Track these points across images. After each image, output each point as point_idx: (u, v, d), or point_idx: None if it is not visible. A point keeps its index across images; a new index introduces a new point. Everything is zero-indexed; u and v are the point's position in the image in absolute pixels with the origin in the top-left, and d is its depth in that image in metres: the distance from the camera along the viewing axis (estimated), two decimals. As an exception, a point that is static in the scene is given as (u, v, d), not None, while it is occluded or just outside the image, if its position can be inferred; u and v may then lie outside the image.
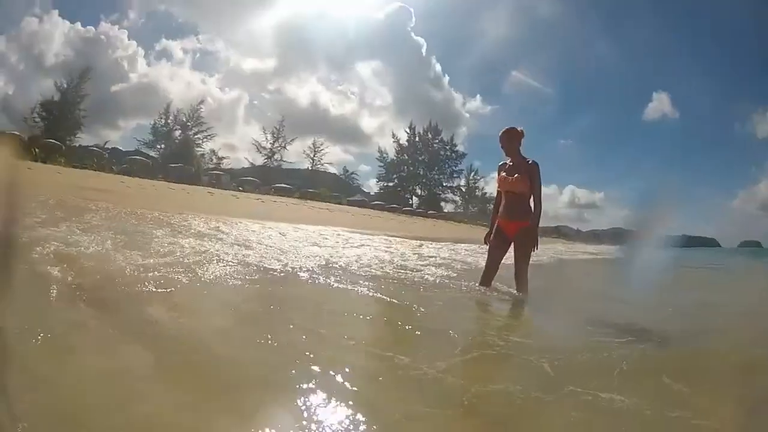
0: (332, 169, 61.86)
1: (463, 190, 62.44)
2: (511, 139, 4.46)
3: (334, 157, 79.99)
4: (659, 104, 71.60)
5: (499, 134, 4.49)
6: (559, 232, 74.53)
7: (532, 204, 4.37)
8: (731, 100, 69.56)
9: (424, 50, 66.19)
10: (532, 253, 4.35)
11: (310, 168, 59.14)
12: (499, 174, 4.53)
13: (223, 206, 17.55)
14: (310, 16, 79.05)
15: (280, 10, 78.78)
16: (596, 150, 78.25)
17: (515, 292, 4.36)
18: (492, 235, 4.49)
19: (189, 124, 50.79)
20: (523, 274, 4.31)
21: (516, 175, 4.29)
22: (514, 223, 4.34)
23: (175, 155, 43.64)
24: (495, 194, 4.64)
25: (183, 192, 22.59)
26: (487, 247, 4.57)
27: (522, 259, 4.31)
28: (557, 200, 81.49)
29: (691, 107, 71.00)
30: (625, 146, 77.80)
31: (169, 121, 50.39)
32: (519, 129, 4.51)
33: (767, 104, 61.74)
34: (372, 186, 62.82)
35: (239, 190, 33.77)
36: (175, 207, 12.82)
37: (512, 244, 4.38)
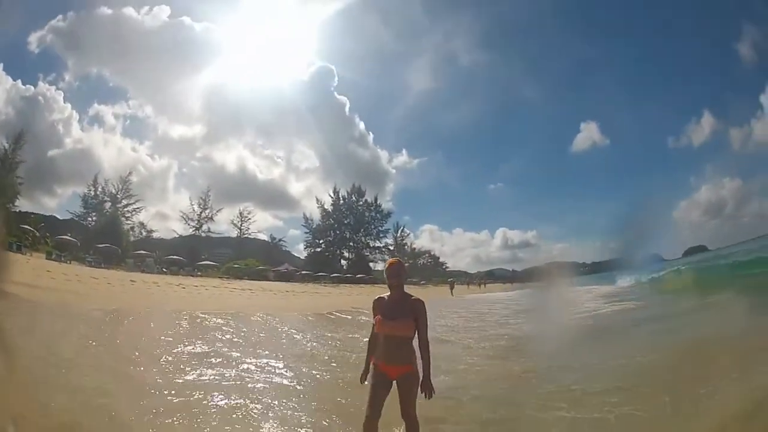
0: (262, 236, 62.46)
1: (391, 248, 63.34)
2: (400, 272, 4.08)
3: (263, 223, 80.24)
4: (588, 134, 70.73)
5: (387, 267, 4.13)
6: (494, 276, 77.09)
7: (415, 345, 4.08)
8: (661, 117, 71.02)
9: (347, 109, 67.14)
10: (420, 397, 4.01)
11: (239, 236, 59.86)
12: (375, 313, 4.09)
13: (142, 298, 19.14)
14: (236, 80, 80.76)
15: (207, 75, 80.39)
16: (528, 189, 74.98)
17: None
18: (369, 374, 4.14)
19: (118, 196, 51.78)
20: (413, 414, 4.03)
21: (397, 319, 3.95)
22: (395, 367, 4.00)
23: (104, 231, 44.55)
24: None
25: (104, 282, 23.97)
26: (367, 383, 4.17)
27: (410, 404, 4.00)
28: (490, 244, 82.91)
29: (621, 131, 67.92)
30: (556, 182, 78.10)
31: (98, 192, 51.22)
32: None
33: (701, 112, 64.19)
34: (302, 251, 63.35)
35: (163, 273, 35.25)
36: (93, 303, 14.48)
37: (396, 384, 4.05)
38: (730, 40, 65.82)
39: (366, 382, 4.17)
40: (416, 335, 4.06)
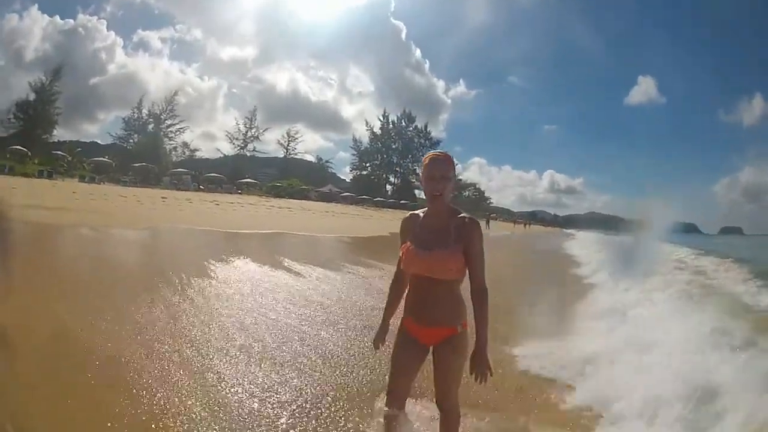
0: (309, 157, 62.75)
1: None
2: (446, 170, 2.39)
3: (313, 144, 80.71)
4: (644, 88, 72.18)
5: (427, 162, 2.42)
6: (536, 217, 76.30)
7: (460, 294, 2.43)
8: (718, 87, 70.74)
9: (403, 35, 66.70)
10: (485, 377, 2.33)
11: (285, 156, 59.47)
12: (404, 238, 2.47)
13: (169, 214, 18.08)
14: (288, 2, 78.75)
15: None
16: (579, 135, 79.58)
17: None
18: (396, 341, 2.53)
19: (162, 116, 51.19)
20: (454, 399, 2.51)
21: (436, 249, 2.30)
22: (431, 330, 2.41)
23: (144, 151, 44.09)
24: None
25: (134, 200, 23.11)
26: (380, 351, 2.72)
27: (451, 385, 2.45)
28: (536, 185, 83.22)
29: (677, 92, 74.47)
30: (608, 131, 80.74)
31: (143, 113, 50.80)
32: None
33: (753, 93, 62.67)
34: (348, 174, 63.43)
35: (200, 190, 34.45)
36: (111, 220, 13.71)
37: (432, 352, 2.48)
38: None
39: (382, 347, 2.60)
40: (466, 276, 2.34)
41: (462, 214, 2.40)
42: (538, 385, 4.12)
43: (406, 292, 2.51)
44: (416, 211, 2.54)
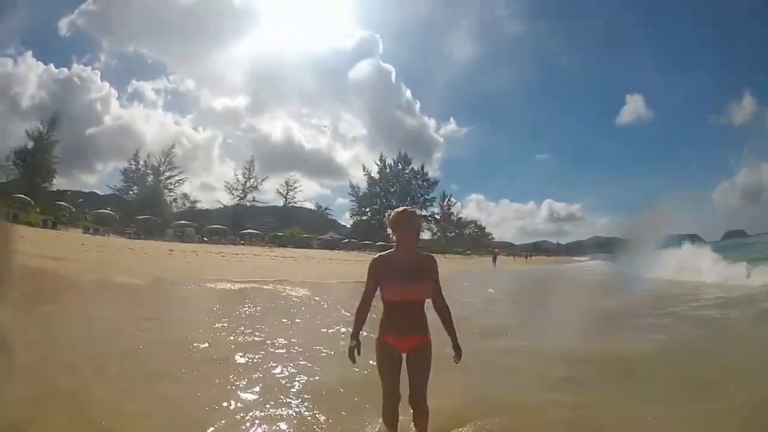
0: (308, 205, 62.21)
1: (437, 217, 62.85)
2: (415, 224, 3.33)
3: (310, 192, 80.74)
4: (633, 106, 72.81)
5: (398, 217, 3.33)
6: (539, 248, 75.96)
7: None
8: (706, 92, 71.62)
9: (393, 77, 67.36)
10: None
11: (285, 205, 59.25)
12: (378, 277, 3.24)
13: (178, 267, 18.06)
14: (278, 51, 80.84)
15: (249, 47, 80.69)
16: (573, 160, 79.88)
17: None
18: (377, 353, 3.31)
19: (161, 168, 51.41)
20: (424, 395, 3.30)
21: (414, 282, 3.20)
22: (411, 339, 3.24)
23: (145, 203, 43.99)
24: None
25: (141, 252, 22.98)
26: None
27: (424, 382, 3.27)
28: (536, 216, 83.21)
29: (666, 106, 72.44)
30: (601, 154, 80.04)
31: (140, 166, 51.02)
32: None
33: (742, 93, 62.83)
34: (348, 219, 63.04)
35: (204, 242, 34.25)
36: (124, 273, 13.68)
37: (405, 358, 3.30)
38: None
39: (358, 355, 3.25)
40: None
41: (425, 253, 3.37)
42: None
43: (382, 316, 3.28)
44: (384, 254, 3.35)
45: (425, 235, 59.69)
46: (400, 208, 3.44)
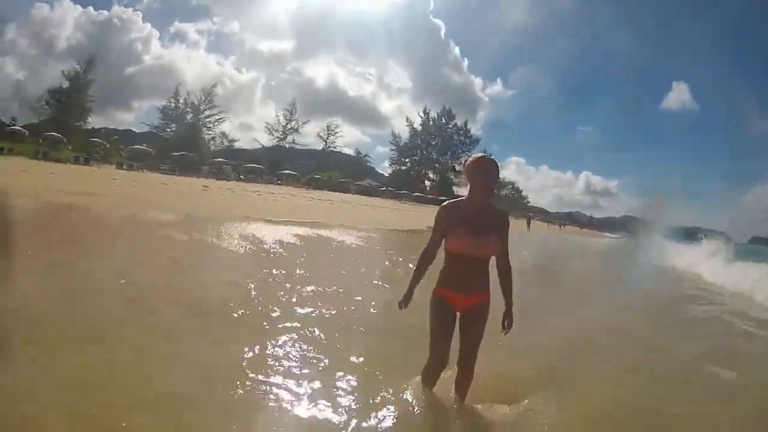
0: (347, 150, 61.73)
1: None
2: (493, 173, 2.83)
3: (352, 138, 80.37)
4: (678, 94, 71.68)
5: (474, 164, 2.81)
6: (572, 218, 74.19)
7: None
8: (751, 95, 69.26)
9: (442, 33, 65.44)
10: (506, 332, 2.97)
11: (324, 149, 58.82)
12: (445, 225, 2.87)
13: (214, 202, 17.66)
14: None
15: None
16: (614, 138, 79.12)
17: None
18: (431, 306, 2.95)
19: (201, 107, 50.66)
20: (474, 356, 2.94)
21: (484, 235, 2.80)
22: (471, 296, 2.88)
23: (182, 140, 43.40)
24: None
25: (175, 188, 22.29)
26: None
27: (477, 343, 2.91)
28: (573, 186, 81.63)
29: (710, 99, 72.44)
30: (642, 135, 79.11)
31: (179, 103, 50.39)
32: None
33: None
34: (386, 168, 62.47)
35: (240, 180, 33.46)
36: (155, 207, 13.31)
37: (459, 317, 2.95)
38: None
39: (404, 308, 2.95)
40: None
41: (499, 208, 3.02)
42: None
43: (443, 268, 2.93)
44: (455, 201, 2.97)
45: (461, 191, 58.17)
46: (479, 154, 3.00)
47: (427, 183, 59.90)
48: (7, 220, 7.01)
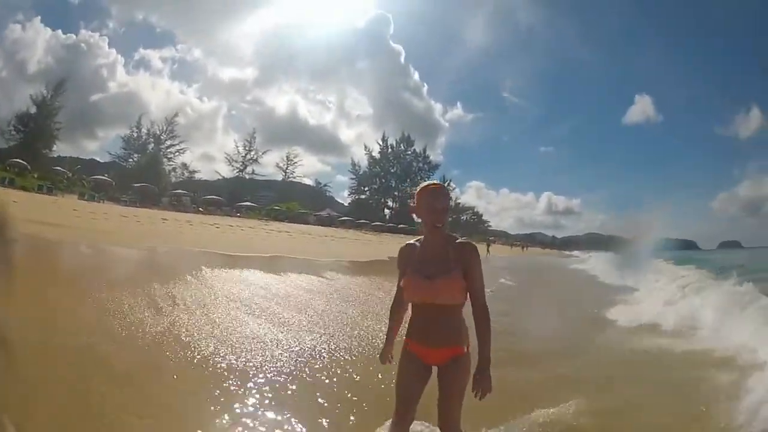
0: (307, 180, 62.44)
1: None
2: (447, 203, 2.46)
3: (311, 167, 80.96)
4: (641, 107, 73.04)
5: (419, 193, 2.45)
6: (535, 240, 76.41)
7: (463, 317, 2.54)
8: (714, 101, 73.41)
9: (402, 58, 67.24)
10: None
11: (284, 179, 59.45)
12: (403, 267, 2.55)
13: (171, 236, 17.88)
14: (290, 25, 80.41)
15: (259, 20, 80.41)
16: (576, 156, 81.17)
17: None
18: (401, 357, 2.62)
19: (162, 137, 51.21)
20: (457, 417, 2.52)
21: (438, 277, 2.39)
22: (436, 350, 2.49)
23: (143, 171, 43.85)
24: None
25: (134, 219, 22.91)
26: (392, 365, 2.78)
27: (455, 403, 2.49)
28: (534, 207, 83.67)
29: (673, 110, 75.02)
30: (605, 151, 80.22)
31: (142, 133, 50.86)
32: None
33: (749, 105, 63.71)
34: (346, 198, 63.23)
35: (199, 212, 34.22)
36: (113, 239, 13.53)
37: (437, 374, 2.57)
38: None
39: (390, 363, 2.80)
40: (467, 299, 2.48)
41: (458, 239, 2.48)
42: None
43: (409, 316, 2.58)
44: (412, 241, 2.59)
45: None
46: (424, 183, 2.52)
47: (386, 211, 60.83)
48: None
